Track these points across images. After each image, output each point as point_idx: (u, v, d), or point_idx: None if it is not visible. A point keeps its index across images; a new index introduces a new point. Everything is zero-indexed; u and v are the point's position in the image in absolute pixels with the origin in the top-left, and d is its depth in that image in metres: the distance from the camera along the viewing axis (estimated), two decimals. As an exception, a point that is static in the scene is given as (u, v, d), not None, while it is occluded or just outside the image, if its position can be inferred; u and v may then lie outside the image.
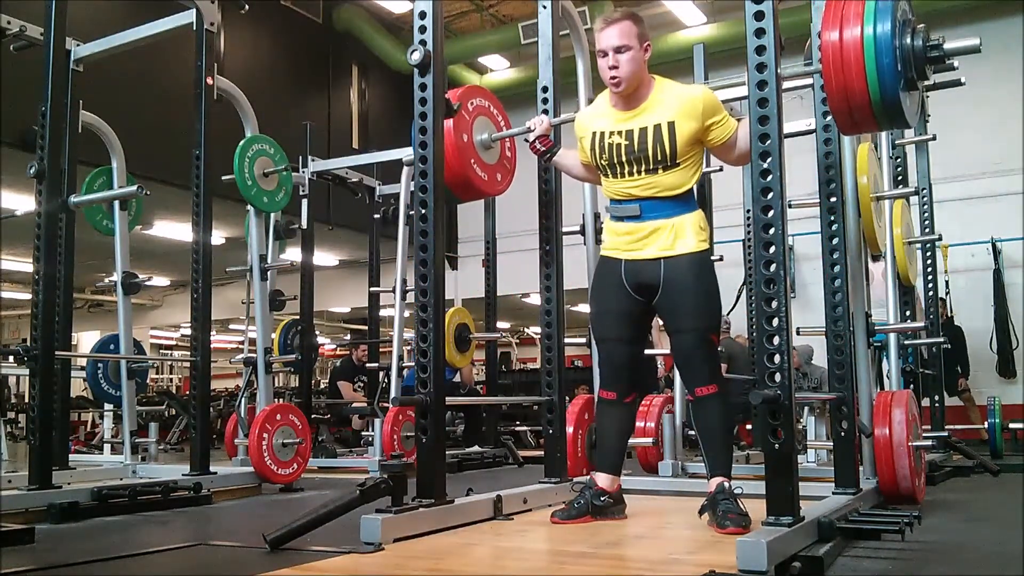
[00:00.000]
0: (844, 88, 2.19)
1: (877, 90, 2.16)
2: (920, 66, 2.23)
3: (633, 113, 2.79)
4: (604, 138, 2.83)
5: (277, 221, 5.98)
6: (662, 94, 2.79)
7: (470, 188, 3.27)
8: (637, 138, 2.76)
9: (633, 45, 2.74)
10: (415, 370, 2.78)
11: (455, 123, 3.11)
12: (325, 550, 2.41)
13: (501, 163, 3.45)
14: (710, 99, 2.75)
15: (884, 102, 2.18)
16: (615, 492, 2.92)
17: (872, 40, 2.14)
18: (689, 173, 2.77)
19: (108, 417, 6.79)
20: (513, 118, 3.62)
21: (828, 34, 2.20)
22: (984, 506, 3.77)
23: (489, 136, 3.33)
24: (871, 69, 2.15)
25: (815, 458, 4.78)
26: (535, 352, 13.01)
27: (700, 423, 2.79)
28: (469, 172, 3.22)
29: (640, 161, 2.76)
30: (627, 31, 2.75)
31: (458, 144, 3.12)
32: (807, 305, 7.91)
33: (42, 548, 2.82)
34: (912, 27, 2.22)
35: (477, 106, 3.34)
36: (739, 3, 2.33)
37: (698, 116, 2.71)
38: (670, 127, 2.72)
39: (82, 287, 13.23)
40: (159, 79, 8.06)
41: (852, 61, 2.16)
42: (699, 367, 2.74)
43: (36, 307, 3.60)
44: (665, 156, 2.73)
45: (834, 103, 2.26)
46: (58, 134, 3.77)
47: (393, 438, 5.42)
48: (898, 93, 2.18)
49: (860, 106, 2.21)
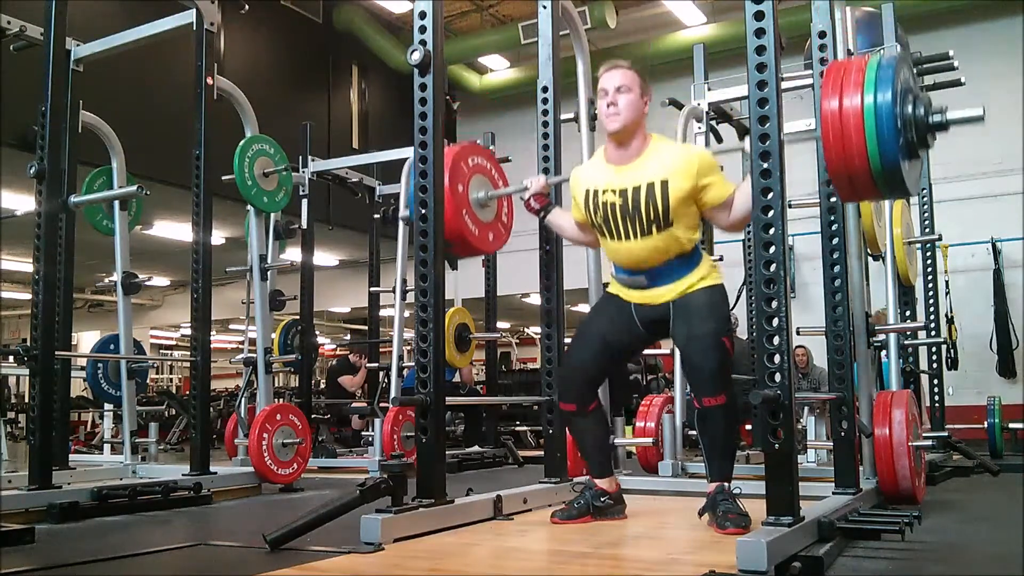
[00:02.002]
0: (844, 157, 2.13)
1: (878, 160, 2.09)
2: (922, 135, 2.16)
3: (627, 169, 2.76)
4: (598, 196, 2.81)
5: (277, 221, 5.97)
6: (658, 151, 2.76)
7: (464, 244, 3.21)
8: (631, 196, 2.73)
9: (634, 90, 2.75)
10: (415, 370, 2.78)
11: (451, 177, 3.04)
12: (325, 550, 2.41)
13: (496, 223, 3.39)
14: (706, 159, 2.72)
15: (885, 172, 2.12)
16: (614, 492, 2.92)
17: (873, 109, 2.08)
18: (688, 231, 2.74)
19: (108, 417, 6.79)
20: (513, 118, 3.64)
21: (828, 102, 2.13)
22: (984, 506, 3.77)
23: (485, 194, 3.28)
24: (871, 139, 2.09)
25: (815, 458, 4.78)
26: (535, 352, 13.01)
27: (704, 432, 2.74)
28: (462, 227, 3.15)
29: (634, 220, 2.73)
30: (630, 76, 2.77)
31: (453, 198, 3.05)
32: (807, 305, 7.91)
33: (42, 548, 2.81)
34: (914, 95, 2.16)
35: (476, 164, 3.28)
36: (739, 3, 2.33)
37: (692, 175, 2.68)
38: (663, 185, 2.69)
39: (82, 287, 13.24)
40: (159, 79, 8.06)
41: (852, 130, 2.10)
42: (707, 376, 2.66)
43: (36, 307, 3.60)
44: (658, 215, 2.70)
45: (834, 171, 2.19)
46: (58, 134, 3.77)
47: (393, 438, 5.42)
48: (899, 163, 2.12)
49: (860, 175, 2.14)
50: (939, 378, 5.83)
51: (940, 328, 6.35)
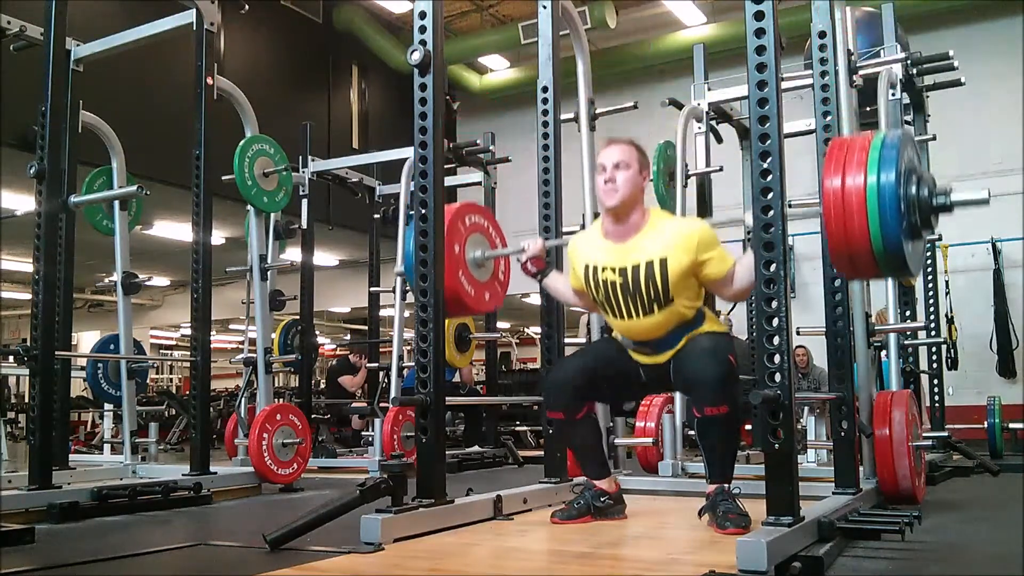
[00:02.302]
0: (845, 238, 2.10)
1: (880, 242, 2.07)
2: (925, 216, 2.14)
3: (626, 247, 2.76)
4: (597, 273, 2.80)
5: (277, 221, 5.97)
6: (656, 227, 2.75)
7: (459, 303, 3.18)
8: (630, 275, 2.72)
9: (632, 166, 2.74)
10: (415, 370, 2.78)
11: (449, 236, 2.99)
12: (325, 550, 2.41)
13: (492, 282, 3.35)
14: (705, 234, 2.70)
15: (886, 253, 2.10)
16: (614, 493, 2.92)
17: (875, 189, 2.06)
18: (690, 303, 2.74)
19: (108, 417, 6.79)
20: (513, 118, 3.64)
21: (830, 181, 2.11)
22: (984, 506, 3.77)
23: (482, 254, 3.26)
24: (874, 220, 2.06)
25: (815, 458, 4.78)
26: (535, 352, 13.01)
27: (704, 440, 2.70)
28: (458, 287, 3.12)
29: (635, 298, 2.73)
30: (628, 152, 2.76)
31: (449, 258, 3.00)
32: (807, 305, 7.90)
33: (42, 548, 2.81)
34: (918, 175, 2.14)
35: (473, 223, 3.26)
36: (739, 3, 2.33)
37: (691, 250, 2.67)
38: (662, 263, 2.68)
39: (82, 287, 13.23)
40: (159, 79, 8.06)
41: (854, 211, 2.07)
42: (710, 384, 2.57)
43: (36, 307, 3.60)
44: (659, 293, 2.69)
45: (835, 250, 2.17)
46: (58, 134, 3.77)
47: (393, 438, 5.42)
48: (901, 244, 2.09)
49: (861, 255, 2.12)
50: (939, 378, 5.83)
51: (940, 328, 6.35)
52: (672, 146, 4.96)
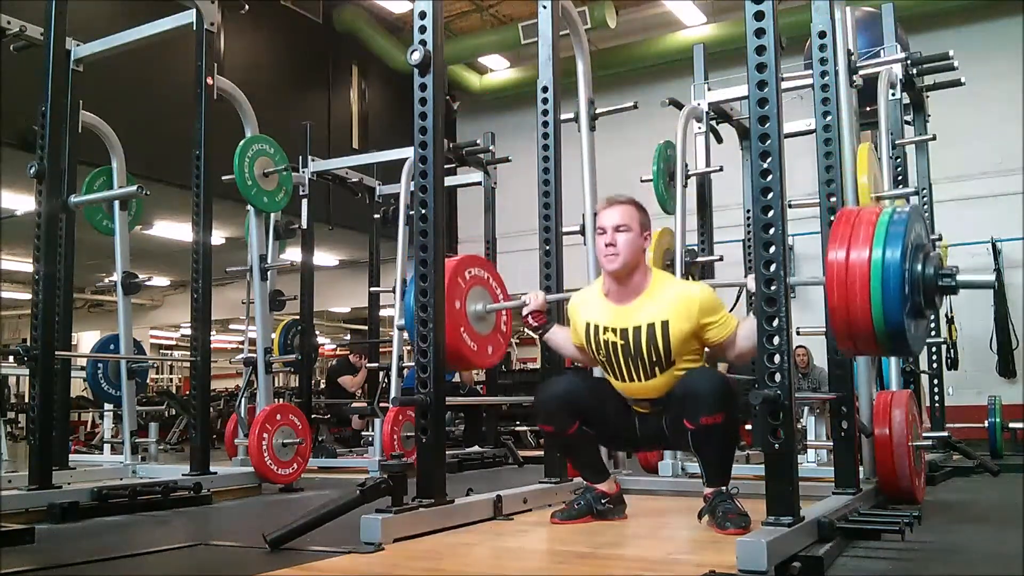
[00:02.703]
0: (846, 311, 2.08)
1: (881, 318, 2.04)
2: (930, 295, 2.11)
3: (627, 309, 2.74)
4: (599, 333, 2.79)
5: (277, 221, 5.97)
6: (658, 290, 2.74)
7: (460, 358, 3.17)
8: (631, 337, 2.71)
9: (633, 228, 2.72)
10: (415, 370, 2.78)
11: (449, 291, 2.95)
12: (325, 550, 2.41)
13: (494, 335, 3.33)
14: (707, 299, 2.68)
15: (888, 330, 2.06)
16: (615, 494, 2.92)
17: (879, 265, 2.03)
18: (692, 363, 2.72)
19: (108, 417, 6.78)
20: (513, 118, 3.64)
21: (834, 252, 2.09)
22: (984, 506, 3.77)
23: (483, 307, 3.24)
24: (876, 296, 2.03)
25: (815, 458, 4.78)
26: (535, 352, 13.01)
27: (701, 452, 2.67)
28: (459, 343, 3.10)
29: (636, 361, 2.72)
30: (628, 214, 2.74)
31: (450, 313, 2.97)
32: (807, 305, 7.88)
33: (42, 548, 2.81)
34: (925, 252, 2.11)
35: (474, 276, 3.24)
36: (739, 3, 2.33)
37: (692, 317, 2.66)
38: (663, 327, 2.67)
39: (82, 287, 13.23)
40: (159, 79, 8.06)
41: (857, 285, 2.05)
42: (704, 396, 2.54)
43: (36, 307, 3.60)
44: (660, 357, 2.69)
45: (836, 324, 2.15)
46: (58, 134, 3.77)
47: (393, 438, 5.42)
48: (903, 322, 2.05)
49: (862, 331, 2.09)
50: (939, 378, 5.83)
51: (940, 328, 6.35)
52: (672, 146, 4.96)
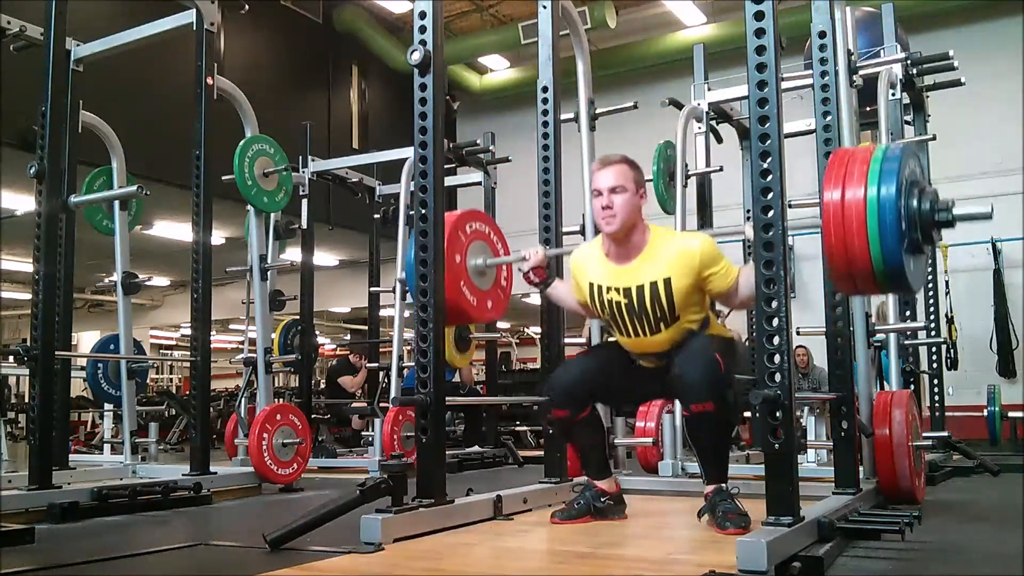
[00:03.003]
0: (844, 251, 2.08)
1: (879, 256, 2.05)
2: (927, 231, 2.12)
3: (629, 268, 2.76)
4: (602, 293, 2.81)
5: (277, 221, 5.97)
6: (658, 246, 2.74)
7: (460, 313, 3.16)
8: (635, 296, 2.73)
9: (628, 188, 2.72)
10: (415, 370, 2.78)
11: (449, 245, 2.97)
12: (325, 550, 2.41)
13: (495, 290, 3.32)
14: (708, 251, 2.69)
15: (886, 268, 2.07)
16: (615, 493, 2.92)
17: (875, 202, 2.03)
18: (696, 316, 2.75)
19: (108, 417, 6.78)
20: (513, 118, 3.64)
21: (830, 193, 2.09)
22: (984, 506, 3.77)
23: (484, 261, 3.23)
24: (873, 233, 2.02)
25: (815, 458, 4.78)
26: (535, 352, 13.01)
27: (694, 439, 2.74)
28: (459, 298, 3.09)
29: (642, 319, 2.75)
30: (623, 173, 2.73)
31: (450, 268, 2.98)
32: (807, 305, 7.89)
33: (42, 548, 2.81)
34: (920, 188, 2.11)
35: (474, 230, 3.23)
36: (739, 3, 2.33)
37: (694, 270, 2.67)
38: (666, 284, 2.69)
39: (82, 287, 13.23)
40: (159, 79, 8.06)
41: (854, 224, 2.05)
42: (695, 382, 2.56)
43: (36, 307, 3.60)
44: (664, 313, 2.71)
45: (834, 265, 2.15)
46: (58, 134, 3.77)
47: (393, 438, 5.42)
48: (901, 259, 2.06)
49: (861, 271, 2.09)
50: (939, 378, 5.83)
51: (940, 328, 6.35)
52: (672, 146, 4.96)
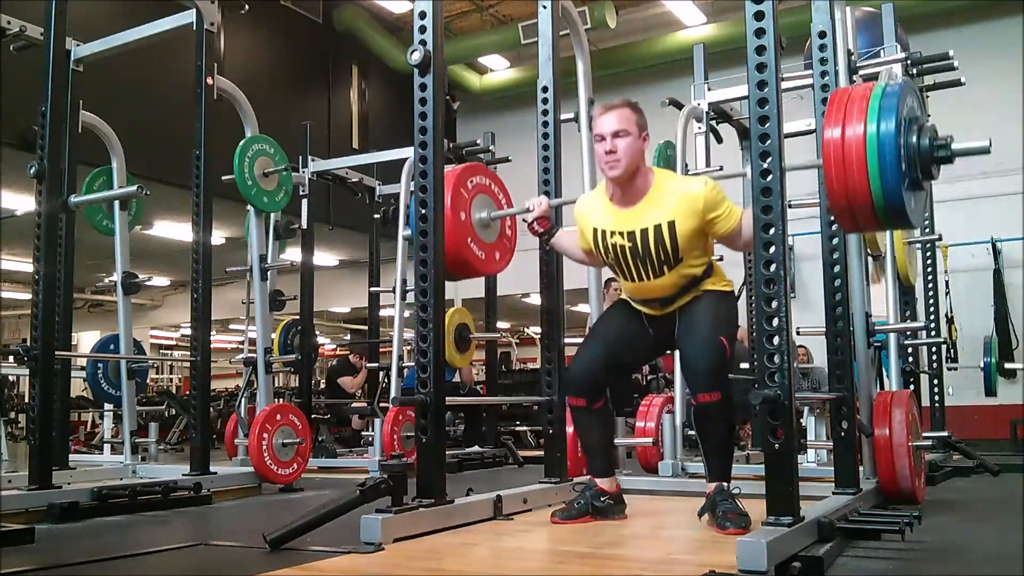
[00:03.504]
0: (845, 188, 2.09)
1: (879, 191, 2.06)
2: (926, 166, 2.13)
3: (633, 212, 2.77)
4: (606, 237, 2.82)
5: (277, 221, 5.97)
6: (661, 190, 2.76)
7: (467, 267, 3.19)
8: (639, 239, 2.75)
9: (632, 131, 2.73)
10: (415, 370, 2.78)
11: (453, 201, 3.01)
12: (325, 550, 2.41)
13: (500, 241, 3.38)
14: (711, 194, 2.70)
15: (887, 204, 2.08)
16: (615, 493, 2.93)
17: (875, 139, 2.04)
18: (699, 260, 2.78)
19: (108, 417, 6.78)
20: (513, 118, 3.64)
21: (830, 131, 2.10)
22: (984, 506, 3.77)
23: (488, 215, 3.26)
24: (873, 170, 2.04)
25: (815, 458, 4.78)
26: (535, 352, 13.01)
27: (701, 429, 2.77)
28: (466, 252, 3.13)
29: (645, 262, 2.77)
30: (626, 117, 2.75)
31: (455, 222, 3.02)
32: (807, 305, 7.90)
33: (42, 548, 2.81)
34: (919, 125, 2.13)
35: (477, 184, 3.26)
36: (739, 3, 2.33)
37: (698, 213, 2.69)
38: (670, 227, 2.70)
39: (82, 287, 13.23)
40: (159, 79, 8.06)
41: (854, 162, 2.06)
42: (702, 373, 2.66)
43: (36, 307, 3.60)
44: (668, 256, 2.73)
45: (835, 202, 2.16)
46: (58, 134, 3.77)
47: (393, 438, 5.42)
48: (901, 195, 2.08)
49: (862, 207, 2.10)
50: (939, 378, 5.83)
51: (940, 328, 6.35)
52: (672, 146, 4.96)
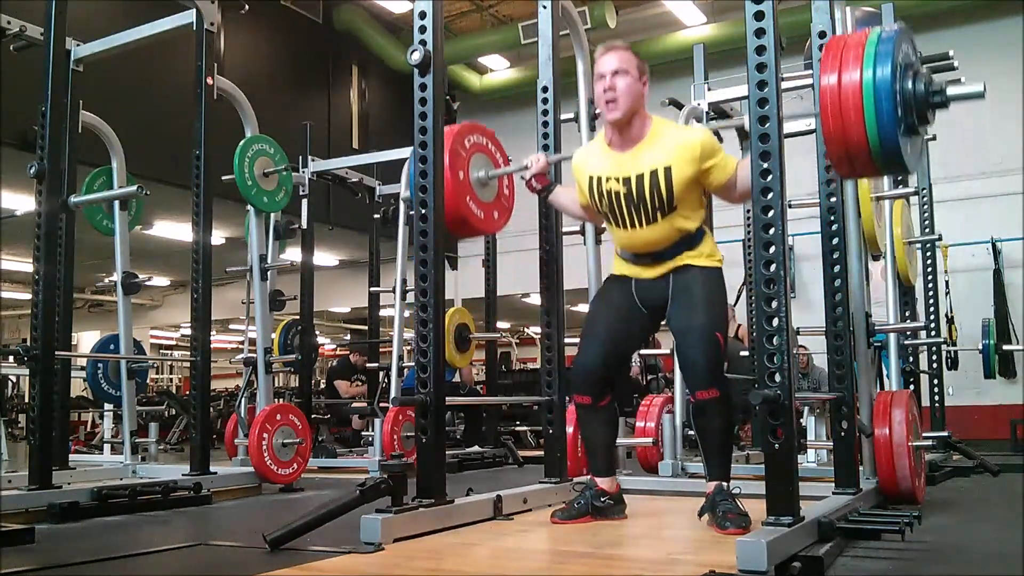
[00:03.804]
0: (842, 134, 2.11)
1: (876, 136, 2.07)
2: (922, 111, 2.15)
3: (630, 156, 2.77)
4: (602, 184, 2.82)
5: (277, 221, 5.97)
6: (659, 136, 2.76)
7: (465, 226, 3.21)
8: (635, 184, 2.74)
9: (631, 72, 2.73)
10: (415, 370, 2.78)
11: (451, 160, 3.04)
12: (325, 550, 2.41)
13: (498, 200, 3.39)
14: (708, 142, 2.72)
15: (883, 149, 2.09)
16: (615, 492, 2.92)
17: (871, 85, 2.06)
18: (693, 212, 2.77)
19: (108, 417, 6.79)
20: (513, 118, 3.64)
21: (826, 78, 2.12)
22: (984, 506, 3.77)
23: (486, 173, 3.27)
24: (870, 115, 2.06)
25: (815, 458, 4.78)
26: (535, 352, 13.01)
27: (700, 427, 2.77)
28: (464, 210, 3.15)
29: (639, 208, 2.75)
30: (626, 59, 2.75)
31: (453, 181, 3.04)
32: (807, 305, 7.90)
33: (42, 548, 2.81)
34: (914, 70, 2.15)
35: (474, 143, 3.28)
36: (739, 3, 2.33)
37: (695, 160, 2.69)
38: (666, 172, 2.70)
39: (82, 287, 13.24)
40: (159, 79, 8.06)
41: (851, 107, 2.08)
42: (700, 370, 2.69)
43: (36, 307, 3.60)
44: (663, 202, 2.72)
45: (832, 148, 2.18)
46: (58, 134, 3.77)
47: (393, 438, 5.42)
48: (898, 139, 2.09)
49: (858, 152, 2.12)
50: (939, 378, 5.83)
51: (940, 328, 6.35)
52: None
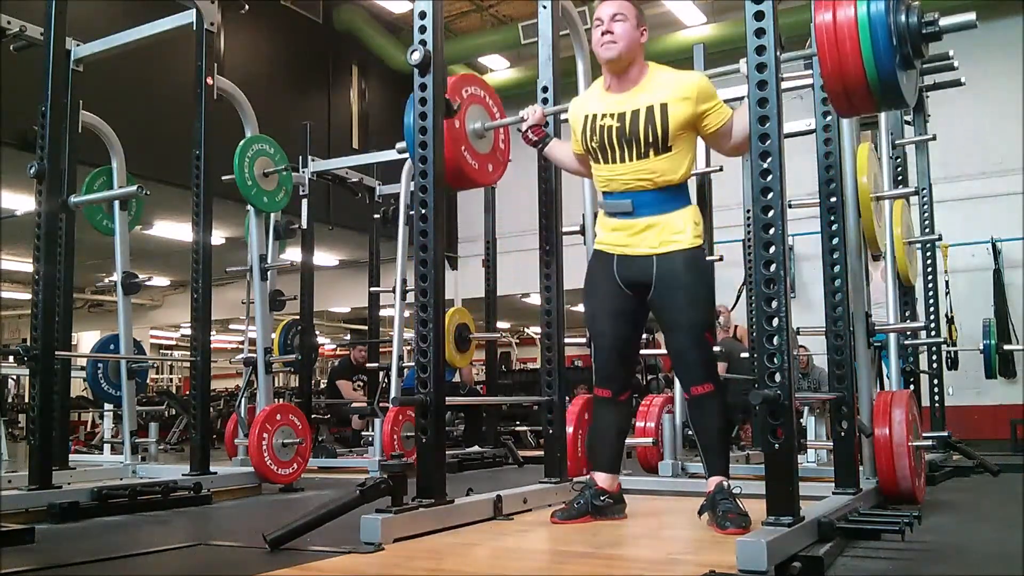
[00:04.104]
0: (839, 69, 2.16)
1: (873, 69, 2.12)
2: (916, 44, 2.20)
3: (627, 96, 2.79)
4: (596, 121, 2.82)
5: (277, 221, 5.97)
6: (656, 77, 2.79)
7: (462, 177, 3.25)
8: (629, 120, 2.74)
9: (630, 19, 2.76)
10: (415, 370, 2.78)
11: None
12: (325, 550, 2.41)
13: (494, 153, 3.44)
14: (705, 84, 2.75)
15: (880, 81, 2.14)
16: (615, 492, 2.92)
17: (866, 19, 2.11)
18: (681, 161, 2.75)
19: (108, 417, 6.79)
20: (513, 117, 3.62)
21: (821, 15, 2.17)
22: (984, 506, 3.77)
23: (482, 125, 3.32)
24: (866, 48, 2.11)
25: (815, 458, 4.78)
26: (535, 352, 13.01)
27: (697, 422, 2.79)
28: (461, 161, 3.20)
29: (631, 144, 2.74)
30: (625, 6, 2.78)
31: (450, 132, 3.07)
32: (807, 305, 7.90)
33: (42, 548, 2.81)
34: (906, 4, 2.19)
35: (471, 95, 3.32)
36: (739, 3, 2.33)
37: (692, 100, 2.70)
38: (663, 108, 2.71)
39: (82, 287, 13.24)
40: (159, 79, 8.06)
41: (846, 41, 2.13)
42: (693, 365, 2.73)
43: (36, 307, 3.60)
44: (657, 138, 2.71)
45: (830, 85, 2.23)
46: (58, 134, 3.77)
47: (393, 438, 5.42)
48: (895, 72, 2.14)
49: (856, 87, 2.17)
50: (939, 378, 5.83)
51: (940, 328, 6.35)
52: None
